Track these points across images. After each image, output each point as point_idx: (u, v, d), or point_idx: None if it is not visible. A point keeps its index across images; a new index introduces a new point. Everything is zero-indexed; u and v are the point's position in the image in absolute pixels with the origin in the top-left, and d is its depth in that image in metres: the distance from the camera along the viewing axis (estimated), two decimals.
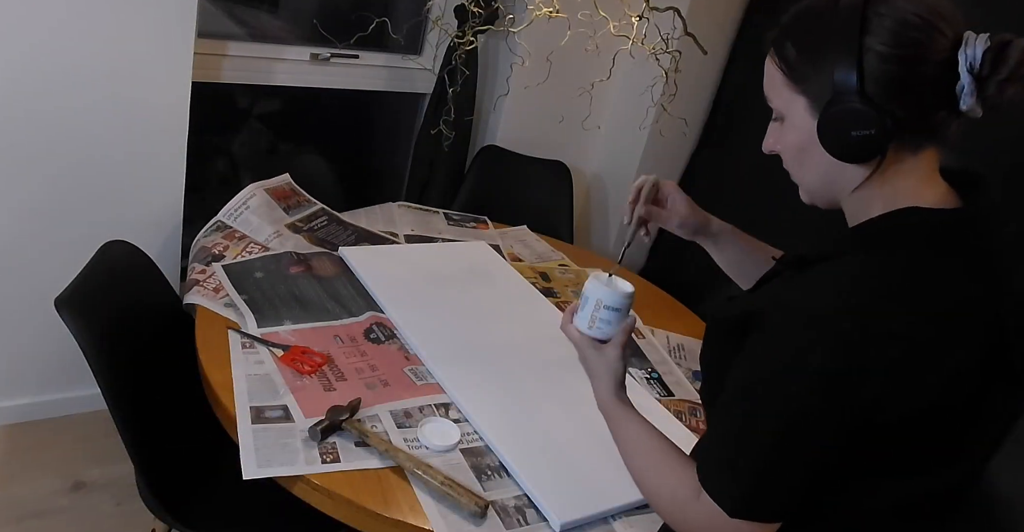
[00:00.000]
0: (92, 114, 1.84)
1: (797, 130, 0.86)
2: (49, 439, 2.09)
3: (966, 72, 0.76)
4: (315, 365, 1.44)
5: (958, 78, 0.77)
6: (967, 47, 0.76)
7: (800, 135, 0.86)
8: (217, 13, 2.18)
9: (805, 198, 0.95)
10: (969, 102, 0.78)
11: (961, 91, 0.77)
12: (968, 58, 0.76)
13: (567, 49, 2.22)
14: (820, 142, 0.83)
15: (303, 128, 2.64)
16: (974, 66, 0.76)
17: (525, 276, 1.96)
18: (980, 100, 0.78)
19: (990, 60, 0.76)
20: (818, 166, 0.86)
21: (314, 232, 1.96)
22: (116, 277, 1.48)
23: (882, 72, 0.78)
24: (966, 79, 0.77)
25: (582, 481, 1.29)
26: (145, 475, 1.34)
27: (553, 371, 1.57)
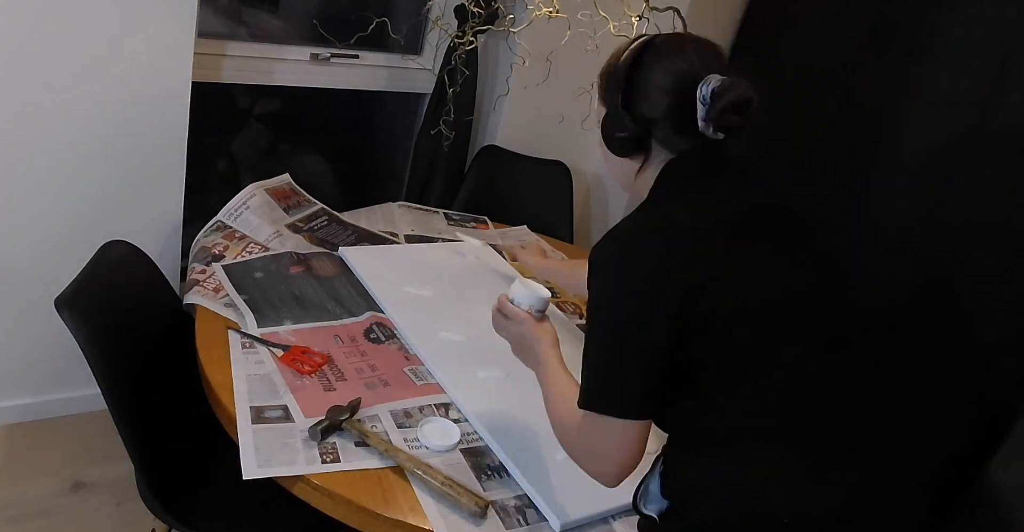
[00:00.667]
0: (92, 114, 1.84)
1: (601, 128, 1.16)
2: (49, 439, 2.09)
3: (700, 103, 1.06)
4: (315, 365, 1.44)
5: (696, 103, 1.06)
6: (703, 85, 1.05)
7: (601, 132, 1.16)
8: (217, 13, 2.18)
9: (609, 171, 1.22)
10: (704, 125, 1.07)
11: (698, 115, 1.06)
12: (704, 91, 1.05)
13: (567, 49, 2.22)
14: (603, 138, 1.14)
15: (303, 128, 2.64)
16: (705, 99, 1.05)
17: (524, 276, 1.96)
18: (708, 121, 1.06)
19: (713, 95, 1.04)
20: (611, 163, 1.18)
21: (314, 232, 1.96)
22: (116, 277, 1.48)
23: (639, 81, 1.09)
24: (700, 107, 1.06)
25: (582, 481, 1.28)
26: (145, 475, 1.34)
27: None
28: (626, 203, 2.78)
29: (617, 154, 1.15)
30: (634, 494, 1.15)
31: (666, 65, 1.08)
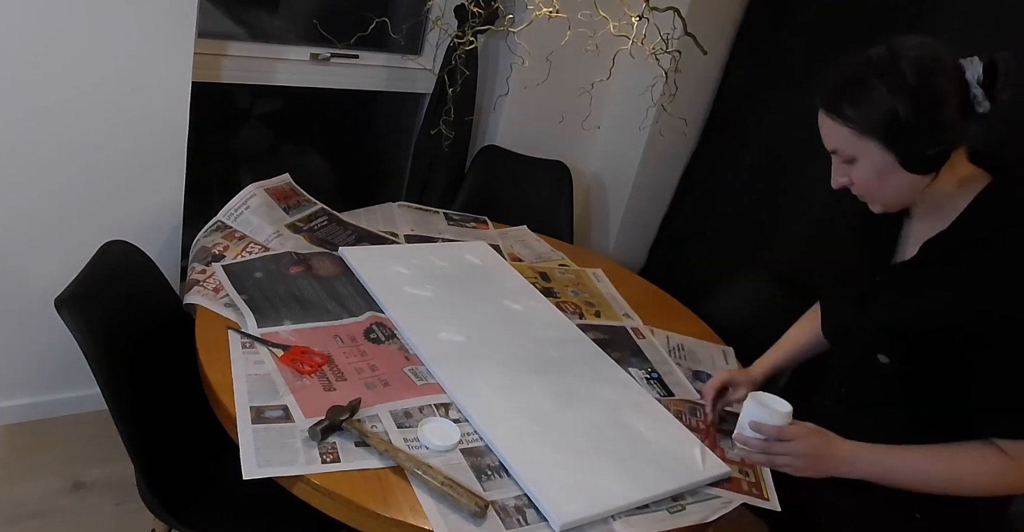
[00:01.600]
0: (92, 114, 1.84)
1: (874, 165, 1.13)
2: (49, 439, 2.09)
3: (976, 85, 1.07)
4: (315, 365, 1.44)
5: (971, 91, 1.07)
6: (969, 69, 1.07)
7: (878, 166, 1.13)
8: (217, 13, 2.18)
9: (879, 208, 1.21)
10: (984, 106, 1.08)
11: (975, 99, 1.07)
12: (974, 75, 1.07)
13: (567, 49, 2.22)
14: (903, 166, 1.11)
15: (303, 128, 2.64)
16: (980, 80, 1.06)
17: (525, 276, 1.96)
18: (988, 102, 1.07)
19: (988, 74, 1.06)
20: (899, 183, 1.14)
21: (314, 232, 1.96)
22: (116, 277, 1.48)
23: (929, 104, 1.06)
24: (977, 91, 1.07)
25: (582, 481, 1.29)
26: (145, 475, 1.34)
27: (553, 371, 1.57)
28: (626, 203, 2.78)
29: (927, 172, 1.12)
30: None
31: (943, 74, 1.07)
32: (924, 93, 1.06)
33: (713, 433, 1.51)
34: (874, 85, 1.08)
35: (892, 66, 1.07)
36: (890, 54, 1.09)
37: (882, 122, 1.08)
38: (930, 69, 1.07)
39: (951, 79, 1.07)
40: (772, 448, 1.19)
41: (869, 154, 1.12)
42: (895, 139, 1.09)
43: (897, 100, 1.06)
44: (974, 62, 1.07)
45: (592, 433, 1.42)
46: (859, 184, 1.17)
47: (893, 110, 1.07)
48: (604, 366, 1.64)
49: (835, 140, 1.14)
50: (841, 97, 1.12)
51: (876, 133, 1.10)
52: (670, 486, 1.32)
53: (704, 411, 1.56)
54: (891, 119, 1.08)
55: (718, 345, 1.88)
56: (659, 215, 2.93)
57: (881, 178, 1.13)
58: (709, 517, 1.29)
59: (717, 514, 1.29)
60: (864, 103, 1.09)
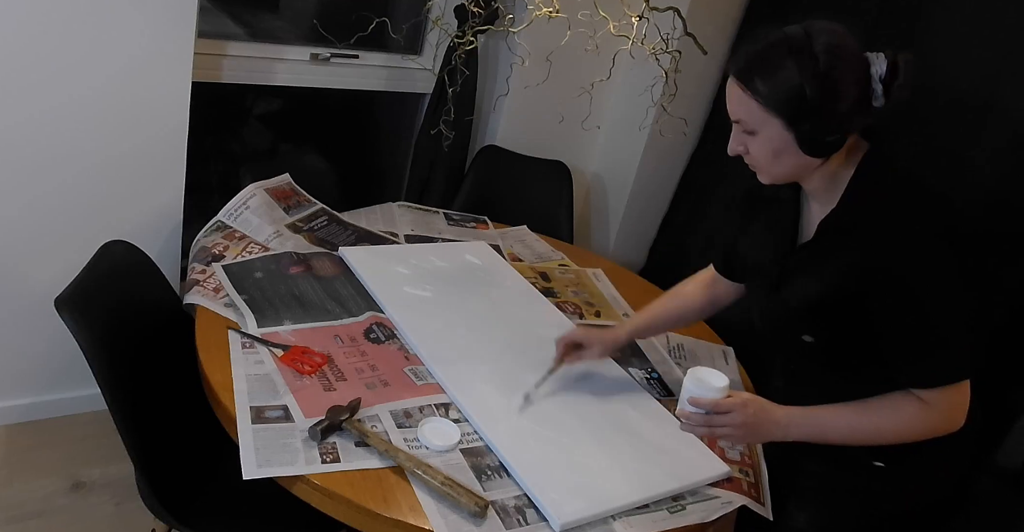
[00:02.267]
0: (92, 114, 1.84)
1: (772, 140, 1.16)
2: (49, 439, 2.09)
3: (878, 80, 1.12)
4: (315, 365, 1.44)
5: (872, 85, 1.12)
6: (874, 65, 1.12)
7: (775, 143, 1.16)
8: (217, 13, 2.18)
9: (767, 180, 1.24)
10: (880, 101, 1.13)
11: (873, 94, 1.12)
12: (877, 71, 1.12)
13: (567, 49, 2.22)
14: (799, 147, 1.14)
15: (303, 128, 2.64)
16: (882, 76, 1.12)
17: (525, 276, 1.96)
18: (884, 98, 1.12)
19: (890, 71, 1.11)
20: (793, 162, 1.18)
21: (314, 232, 1.96)
22: (116, 277, 1.48)
23: (834, 90, 1.10)
24: (877, 86, 1.12)
25: (582, 481, 1.29)
26: (145, 475, 1.34)
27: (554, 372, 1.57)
28: (626, 203, 2.78)
29: (823, 156, 1.17)
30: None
31: (851, 65, 1.11)
32: (831, 81, 1.09)
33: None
34: (788, 64, 1.10)
35: (807, 48, 1.10)
36: (806, 36, 1.12)
37: (789, 101, 1.11)
38: (840, 58, 1.10)
39: (856, 71, 1.11)
40: (712, 421, 1.23)
41: (770, 129, 1.15)
42: (797, 120, 1.12)
43: (806, 83, 1.09)
44: (879, 58, 1.12)
45: (592, 433, 1.42)
46: (754, 156, 1.20)
47: (801, 91, 1.10)
48: (604, 366, 1.64)
49: (740, 110, 1.17)
50: (754, 69, 1.13)
51: (780, 111, 1.12)
52: (670, 486, 1.32)
53: None
54: (798, 100, 1.10)
55: (718, 345, 1.88)
56: (659, 215, 2.93)
57: (776, 154, 1.17)
58: (709, 517, 1.29)
59: (717, 514, 1.29)
60: (775, 80, 1.11)
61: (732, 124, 1.20)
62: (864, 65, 1.12)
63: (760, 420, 1.23)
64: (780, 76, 1.11)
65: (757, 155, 1.20)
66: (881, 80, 1.11)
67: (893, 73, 1.11)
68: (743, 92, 1.15)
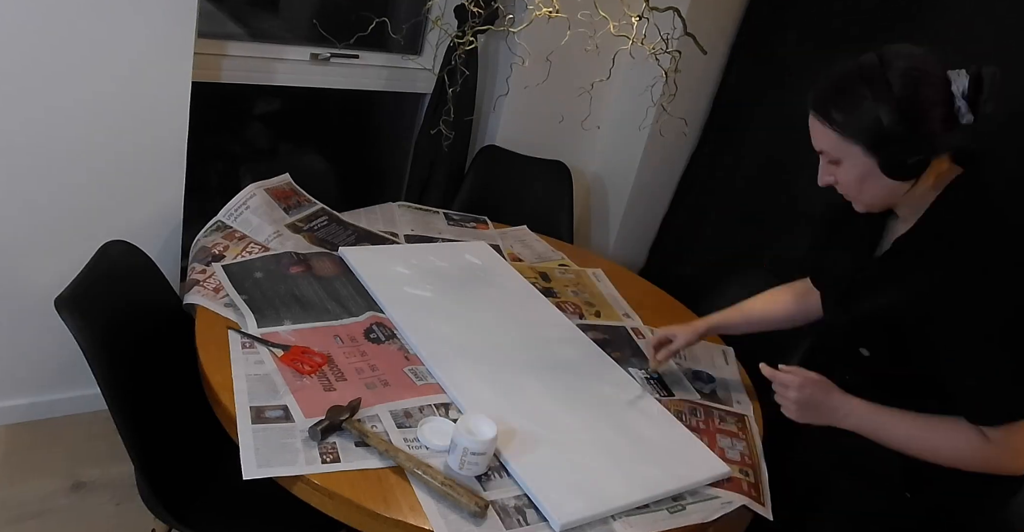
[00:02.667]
0: (92, 114, 1.84)
1: (856, 167, 1.17)
2: (49, 439, 2.09)
3: (961, 98, 1.10)
4: (315, 365, 1.44)
5: (955, 103, 1.11)
6: (955, 82, 1.11)
7: (860, 170, 1.17)
8: (217, 13, 2.18)
9: (861, 208, 1.25)
10: (967, 118, 1.11)
11: (959, 111, 1.11)
12: (959, 88, 1.10)
13: (567, 49, 2.22)
14: (883, 172, 1.14)
15: (303, 128, 2.64)
16: (965, 93, 1.10)
17: (525, 276, 1.96)
18: (972, 115, 1.11)
19: (973, 87, 1.10)
20: (880, 186, 1.18)
21: (314, 232, 1.96)
22: (116, 277, 1.48)
23: (912, 112, 1.10)
24: (961, 103, 1.11)
25: (582, 481, 1.29)
26: (145, 475, 1.34)
27: (553, 371, 1.57)
28: (626, 203, 2.78)
29: (907, 179, 1.16)
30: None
31: (929, 86, 1.10)
32: (908, 104, 1.10)
33: (713, 431, 1.52)
34: (862, 92, 1.12)
35: (880, 75, 1.11)
36: (879, 62, 1.12)
37: (866, 128, 1.12)
38: (917, 80, 1.10)
39: (937, 91, 1.11)
40: (776, 387, 1.28)
41: (852, 157, 1.16)
42: (878, 146, 1.13)
43: (882, 109, 1.10)
44: (961, 75, 1.11)
45: (592, 433, 1.42)
46: (843, 184, 1.22)
47: (877, 118, 1.11)
48: (604, 366, 1.64)
49: (822, 141, 1.19)
50: (829, 101, 1.16)
51: (860, 138, 1.14)
52: (670, 486, 1.32)
53: (703, 409, 1.57)
54: (875, 126, 1.11)
55: (718, 345, 1.88)
56: (659, 215, 2.93)
57: (863, 180, 1.18)
58: (709, 517, 1.29)
59: (717, 514, 1.29)
60: (851, 109, 1.13)
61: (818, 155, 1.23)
62: (945, 84, 1.11)
63: (817, 401, 1.25)
64: (855, 103, 1.13)
65: (844, 183, 1.21)
66: (964, 96, 1.11)
67: (977, 88, 1.10)
68: (821, 124, 1.17)
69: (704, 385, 1.68)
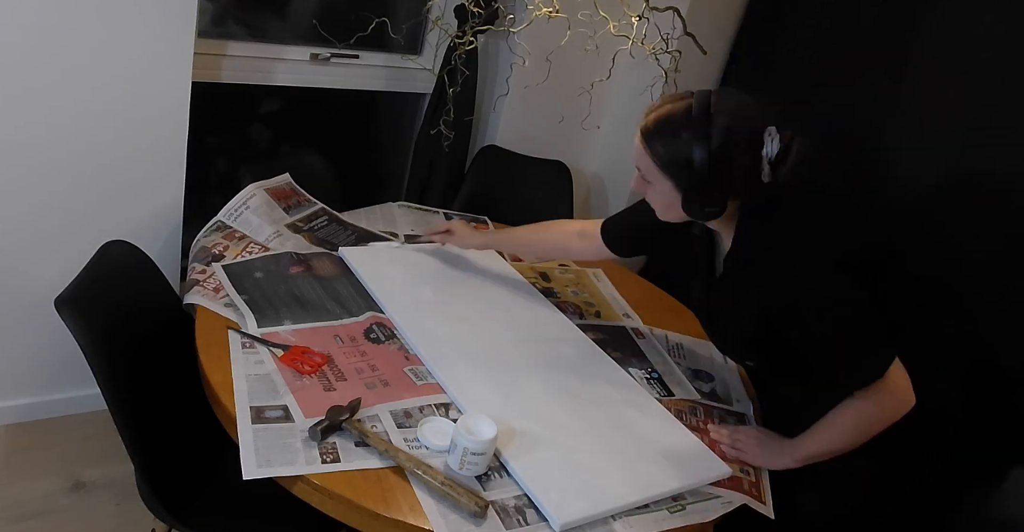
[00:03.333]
0: (92, 114, 1.84)
1: (664, 195, 1.31)
2: (49, 439, 2.09)
3: (767, 161, 1.21)
4: (315, 365, 1.44)
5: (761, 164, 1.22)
6: (767, 146, 1.20)
7: (665, 198, 1.31)
8: (217, 13, 2.18)
9: (662, 219, 1.38)
10: (767, 177, 1.22)
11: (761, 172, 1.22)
12: (769, 153, 1.20)
13: (567, 49, 2.22)
14: (683, 210, 1.29)
15: (303, 128, 2.64)
16: (771, 158, 1.21)
17: (525, 276, 1.96)
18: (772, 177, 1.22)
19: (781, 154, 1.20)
20: (681, 215, 1.32)
21: (314, 232, 1.96)
22: (116, 277, 1.48)
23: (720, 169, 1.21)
24: (765, 166, 1.21)
25: (582, 481, 1.29)
26: (145, 475, 1.34)
27: (553, 371, 1.57)
28: (626, 203, 2.77)
29: (703, 220, 1.33)
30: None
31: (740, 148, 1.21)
32: (719, 161, 1.20)
33: None
34: (684, 136, 1.22)
35: (704, 125, 1.20)
36: (707, 112, 1.21)
37: (679, 169, 1.24)
38: (732, 143, 1.20)
39: (747, 152, 1.21)
40: (736, 442, 1.47)
41: (662, 185, 1.30)
42: (684, 187, 1.26)
43: (696, 158, 1.21)
44: (774, 139, 1.20)
45: (592, 433, 1.42)
46: (650, 201, 1.37)
47: (691, 164, 1.22)
48: (604, 366, 1.64)
49: (640, 161, 1.31)
50: (657, 133, 1.26)
51: (671, 174, 1.27)
52: (670, 486, 1.32)
53: (703, 408, 1.57)
54: (686, 170, 1.23)
55: None
56: None
57: (667, 206, 1.33)
58: (709, 517, 1.29)
59: (717, 514, 1.29)
60: (671, 148, 1.24)
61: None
62: (756, 146, 1.21)
63: (769, 442, 1.45)
64: (676, 144, 1.23)
65: (651, 201, 1.36)
66: (769, 162, 1.21)
67: (783, 157, 1.20)
68: (644, 149, 1.29)
69: (704, 384, 1.68)
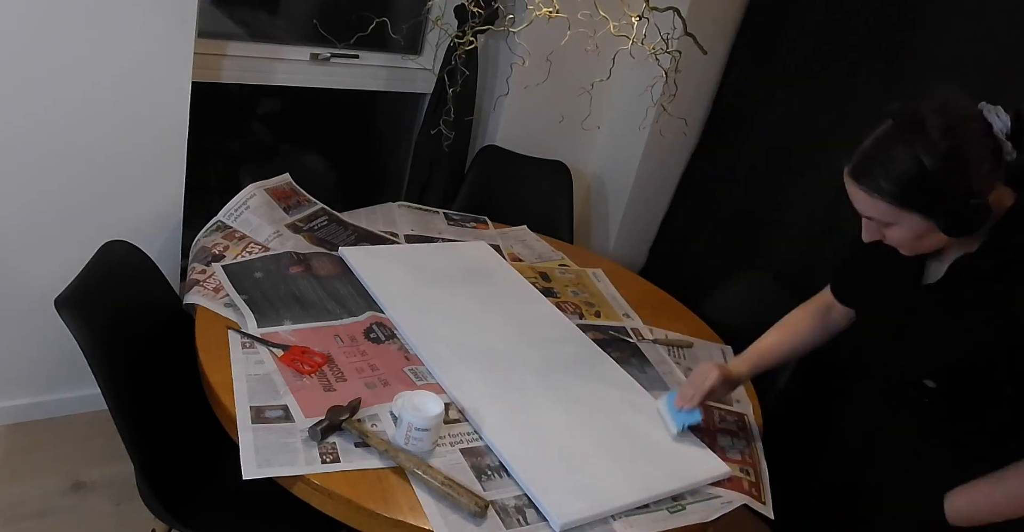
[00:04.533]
0: (92, 114, 1.84)
1: (912, 229, 1.12)
2: (49, 439, 2.09)
3: (1004, 138, 1.06)
4: (315, 365, 1.44)
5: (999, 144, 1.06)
6: (996, 123, 1.06)
7: (916, 230, 1.12)
8: (217, 13, 2.18)
9: (911, 253, 1.19)
10: (1012, 154, 1.07)
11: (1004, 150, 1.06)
12: (1002, 130, 1.06)
13: (567, 49, 2.22)
14: (947, 234, 1.10)
15: (303, 128, 2.64)
16: (1007, 133, 1.06)
17: (525, 276, 1.96)
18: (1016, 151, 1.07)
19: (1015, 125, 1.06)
20: (939, 240, 1.13)
21: (314, 232, 1.96)
22: (116, 277, 1.48)
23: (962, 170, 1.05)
24: (1006, 144, 1.06)
25: (582, 481, 1.29)
26: (145, 475, 1.34)
27: (553, 371, 1.57)
28: (626, 203, 2.78)
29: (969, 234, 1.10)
30: None
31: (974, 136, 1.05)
32: (957, 160, 1.04)
33: (713, 431, 1.52)
34: (904, 157, 1.06)
35: (920, 133, 1.05)
36: (917, 120, 1.06)
37: (918, 193, 1.07)
38: (960, 135, 1.04)
39: (981, 138, 1.05)
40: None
41: (908, 221, 1.11)
42: (935, 208, 1.08)
43: (930, 171, 1.04)
44: (1000, 114, 1.06)
45: (592, 433, 1.42)
46: (894, 241, 1.16)
47: (928, 180, 1.05)
48: (604, 366, 1.64)
49: (871, 210, 1.13)
50: (872, 169, 1.09)
51: (912, 205, 1.08)
52: (670, 486, 1.32)
53: (702, 408, 1.57)
54: (927, 190, 1.06)
55: (717, 344, 1.88)
56: (659, 215, 2.93)
57: (920, 238, 1.13)
58: (709, 517, 1.28)
59: (717, 514, 1.29)
60: (899, 176, 1.07)
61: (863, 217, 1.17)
62: (985, 129, 1.06)
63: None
64: (900, 170, 1.06)
65: (897, 241, 1.16)
66: (1007, 136, 1.06)
67: (1018, 125, 1.06)
68: (867, 194, 1.11)
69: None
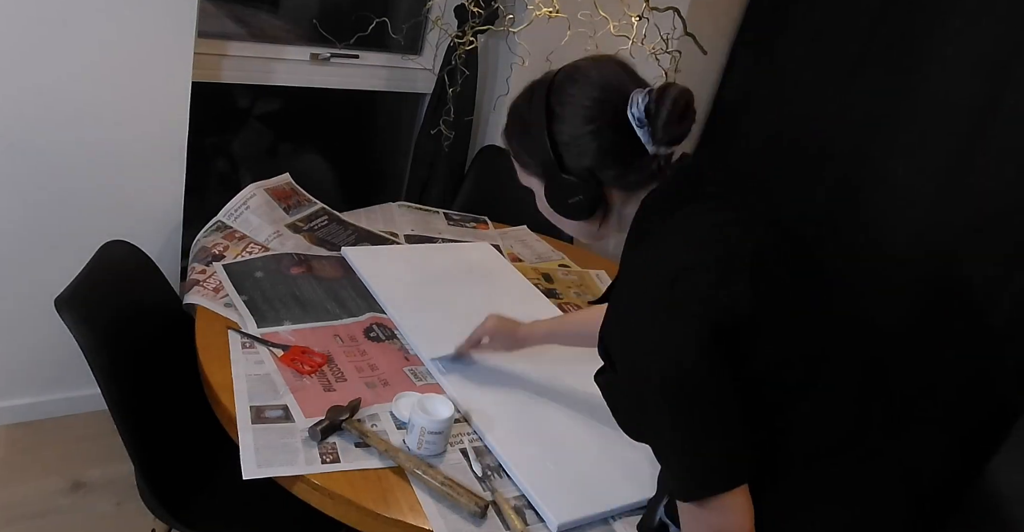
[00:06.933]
0: (92, 114, 1.84)
1: (541, 200, 1.08)
2: (49, 439, 2.09)
3: (637, 126, 0.96)
4: (315, 365, 1.44)
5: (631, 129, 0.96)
6: (632, 106, 0.96)
7: (543, 203, 1.08)
8: (217, 13, 2.18)
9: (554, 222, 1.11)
10: (652, 148, 0.97)
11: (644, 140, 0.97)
12: (635, 115, 0.95)
13: (567, 49, 2.21)
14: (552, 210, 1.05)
15: (303, 128, 2.64)
16: (641, 120, 0.95)
17: (527, 277, 1.96)
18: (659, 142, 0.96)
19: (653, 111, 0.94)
20: (565, 224, 1.08)
21: (314, 232, 1.96)
22: (116, 277, 1.48)
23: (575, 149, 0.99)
24: (639, 131, 0.96)
25: (581, 482, 1.29)
26: (145, 475, 1.34)
27: (553, 371, 1.57)
28: None
29: (575, 218, 1.04)
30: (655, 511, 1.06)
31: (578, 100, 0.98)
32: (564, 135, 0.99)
33: None
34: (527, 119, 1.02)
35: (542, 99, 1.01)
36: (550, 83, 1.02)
37: (533, 160, 1.03)
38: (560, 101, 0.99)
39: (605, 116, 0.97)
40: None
41: (537, 189, 1.08)
42: (545, 180, 1.03)
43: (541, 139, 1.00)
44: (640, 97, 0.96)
45: (592, 433, 1.42)
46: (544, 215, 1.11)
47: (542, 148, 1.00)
48: None
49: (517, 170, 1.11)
50: (507, 128, 1.09)
51: (531, 170, 1.06)
52: None
53: None
54: (540, 158, 1.01)
55: None
56: None
57: (549, 214, 1.08)
58: None
59: None
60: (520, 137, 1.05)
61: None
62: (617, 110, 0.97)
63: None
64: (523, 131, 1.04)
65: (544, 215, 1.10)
66: (640, 125, 0.95)
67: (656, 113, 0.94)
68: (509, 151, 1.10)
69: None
